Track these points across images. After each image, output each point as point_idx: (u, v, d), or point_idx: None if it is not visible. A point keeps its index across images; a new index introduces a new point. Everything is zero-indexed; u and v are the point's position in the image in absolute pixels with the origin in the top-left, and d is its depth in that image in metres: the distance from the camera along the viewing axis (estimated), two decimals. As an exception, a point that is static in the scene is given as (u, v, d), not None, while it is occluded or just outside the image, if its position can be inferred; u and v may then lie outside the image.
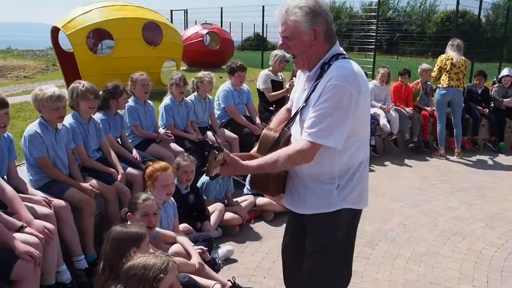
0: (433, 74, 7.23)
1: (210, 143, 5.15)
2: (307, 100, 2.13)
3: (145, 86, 4.72)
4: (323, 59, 2.12)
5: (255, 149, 2.34)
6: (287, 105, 2.53)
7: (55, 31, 9.32)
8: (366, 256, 3.92)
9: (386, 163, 6.90)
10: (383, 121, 7.12)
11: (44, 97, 3.26)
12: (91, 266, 3.28)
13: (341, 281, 2.44)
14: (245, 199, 4.66)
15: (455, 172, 6.57)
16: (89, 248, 3.43)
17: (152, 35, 9.73)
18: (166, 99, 5.15)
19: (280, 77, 6.41)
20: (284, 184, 2.35)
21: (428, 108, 7.72)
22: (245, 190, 4.94)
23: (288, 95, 3.05)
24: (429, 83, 7.85)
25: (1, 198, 2.79)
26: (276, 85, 6.29)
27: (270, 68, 6.37)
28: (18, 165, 3.51)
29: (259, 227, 4.50)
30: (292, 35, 2.09)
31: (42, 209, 2.97)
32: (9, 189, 2.84)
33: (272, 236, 4.25)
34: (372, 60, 14.07)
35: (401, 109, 7.43)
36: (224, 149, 2.05)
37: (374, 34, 14.74)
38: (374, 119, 7.08)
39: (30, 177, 3.42)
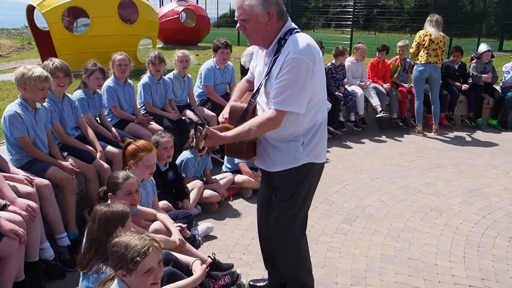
0: (411, 50, 7.28)
1: (192, 121, 5.21)
2: (269, 73, 2.41)
3: (122, 67, 4.71)
4: (279, 35, 2.38)
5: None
6: (247, 76, 2.82)
7: (30, 10, 9.11)
8: (344, 232, 4.03)
9: (363, 140, 7.03)
10: (360, 101, 7.23)
11: (33, 76, 3.27)
12: (73, 243, 3.36)
13: (300, 232, 2.80)
14: (223, 177, 4.76)
15: (433, 148, 6.70)
16: (71, 226, 3.49)
17: (127, 12, 9.60)
18: (144, 77, 5.16)
19: None
20: (255, 148, 2.66)
21: (406, 85, 7.84)
22: (223, 168, 5.04)
23: None
24: (407, 59, 7.95)
25: None
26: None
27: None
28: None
29: (238, 204, 4.60)
30: (249, 18, 2.33)
31: (24, 188, 3.02)
32: None
33: (251, 213, 4.35)
34: (350, 36, 14.12)
35: (379, 86, 7.54)
36: (205, 125, 2.33)
37: (352, 10, 14.74)
38: (352, 95, 7.20)
39: (11, 157, 3.45)
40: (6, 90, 6.50)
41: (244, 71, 6.37)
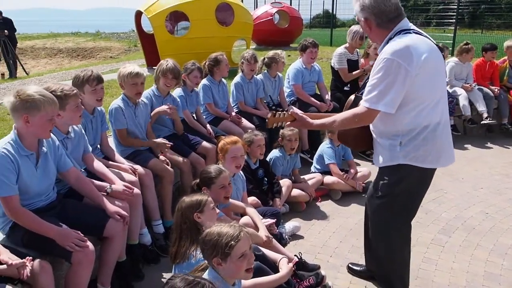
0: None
1: (269, 105, 5.40)
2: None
3: (228, 66, 4.96)
4: (388, 36, 2.48)
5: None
6: None
7: (138, 15, 9.88)
8: (441, 243, 3.76)
9: (466, 145, 6.51)
10: (463, 102, 6.71)
11: (125, 73, 3.57)
12: (168, 231, 3.56)
13: (399, 235, 2.76)
14: (312, 177, 4.71)
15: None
16: (167, 214, 3.71)
17: (224, 15, 9.96)
18: (237, 77, 5.32)
19: (356, 55, 6.23)
20: (366, 141, 2.75)
21: (517, 88, 7.08)
22: (312, 168, 4.99)
23: (367, 74, 3.27)
24: (517, 61, 7.21)
25: (90, 169, 3.12)
26: (352, 64, 6.14)
27: (346, 45, 6.18)
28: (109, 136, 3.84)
29: (326, 206, 4.52)
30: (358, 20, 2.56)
31: (128, 176, 3.27)
32: (97, 161, 3.17)
33: (339, 216, 4.27)
34: (452, 35, 13.15)
35: (485, 88, 6.91)
36: (292, 108, 2.60)
37: (456, 6, 13.71)
38: (453, 97, 6.70)
39: (117, 148, 3.75)
40: (115, 87, 7.14)
41: (333, 72, 6.27)
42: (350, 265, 3.34)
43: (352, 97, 2.84)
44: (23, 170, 2.42)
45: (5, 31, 12.00)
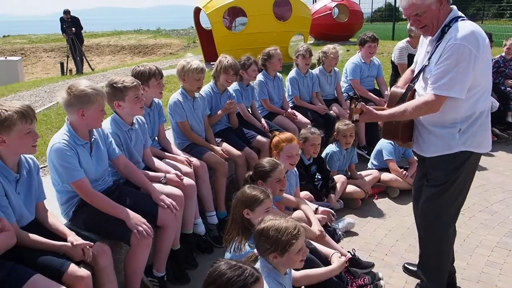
0: None
1: (349, 94, 5.37)
2: (429, 59, 2.49)
3: (281, 60, 4.92)
4: (444, 22, 2.44)
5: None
6: (411, 67, 2.89)
7: (197, 11, 10.11)
8: (508, 247, 3.54)
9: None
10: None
11: (191, 68, 3.65)
12: (221, 222, 3.62)
13: (446, 223, 2.71)
14: (369, 174, 4.59)
15: None
16: (221, 206, 3.78)
17: (282, 10, 9.92)
18: (292, 72, 5.29)
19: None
20: (411, 132, 2.70)
21: None
22: (369, 165, 4.87)
23: None
24: None
25: (146, 161, 3.24)
26: (412, 59, 5.87)
27: (408, 39, 5.96)
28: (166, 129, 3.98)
29: (383, 203, 4.39)
30: (423, 10, 2.43)
31: (184, 168, 3.37)
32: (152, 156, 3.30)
33: (397, 214, 4.13)
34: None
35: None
36: (361, 101, 2.53)
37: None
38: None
39: (174, 140, 3.87)
40: (173, 83, 7.36)
41: (393, 66, 6.05)
42: (406, 265, 3.24)
43: (397, 89, 2.73)
44: (81, 158, 2.58)
45: (73, 29, 12.69)
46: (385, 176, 4.58)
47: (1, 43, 22.78)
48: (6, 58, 14.39)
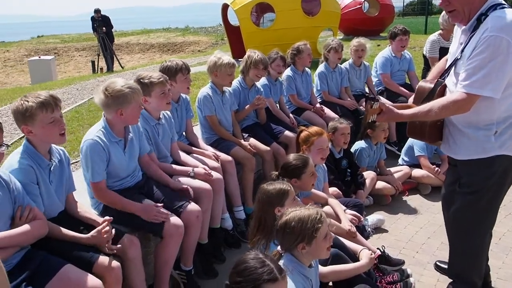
0: None
1: (365, 93, 5.20)
2: (462, 52, 2.22)
3: (310, 56, 4.87)
4: (480, 10, 2.16)
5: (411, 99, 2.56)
6: (445, 57, 2.61)
7: (224, 8, 10.14)
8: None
9: None
10: None
11: (223, 63, 3.68)
12: (249, 217, 3.60)
13: (483, 230, 2.51)
14: (399, 170, 4.50)
15: None
16: (248, 201, 3.77)
17: (310, 5, 9.83)
18: (320, 67, 5.23)
19: (451, 42, 5.78)
20: (440, 131, 2.47)
21: None
22: (400, 161, 4.76)
23: None
24: None
25: (174, 156, 3.27)
26: (444, 52, 5.68)
27: (440, 32, 5.78)
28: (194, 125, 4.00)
29: (414, 200, 4.29)
30: None
31: (211, 162, 3.39)
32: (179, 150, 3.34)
33: (428, 211, 4.02)
34: None
35: None
36: (380, 99, 2.32)
37: None
38: None
39: (202, 135, 3.89)
40: (202, 79, 7.41)
41: (425, 60, 5.87)
42: (438, 262, 3.13)
43: (425, 84, 2.48)
44: (113, 155, 2.61)
45: (103, 28, 12.94)
46: (417, 172, 4.47)
47: (35, 43, 23.58)
48: (40, 57, 14.90)
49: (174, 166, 3.14)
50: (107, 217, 2.33)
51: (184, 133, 3.67)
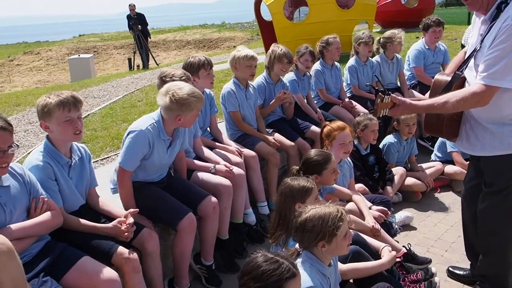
0: None
1: (374, 87, 4.97)
2: (481, 42, 2.13)
3: (339, 49, 4.77)
4: None
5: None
6: (464, 49, 2.49)
7: (257, 3, 10.12)
8: None
9: None
10: None
11: (241, 56, 3.68)
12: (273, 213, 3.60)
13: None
14: (431, 166, 4.36)
15: None
16: (272, 197, 3.75)
17: (345, -2, 9.63)
18: (351, 60, 5.13)
19: None
20: (458, 127, 2.37)
21: None
22: (432, 157, 4.60)
23: None
24: None
25: (197, 151, 3.31)
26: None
27: None
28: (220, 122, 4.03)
29: (446, 197, 4.14)
30: None
31: (235, 158, 3.40)
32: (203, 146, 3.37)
33: (460, 209, 3.85)
34: None
35: None
36: (391, 93, 2.22)
37: None
38: None
39: (227, 131, 3.91)
40: (231, 76, 7.43)
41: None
42: (450, 268, 2.99)
43: (441, 77, 2.40)
44: (155, 152, 2.66)
45: (139, 26, 13.20)
46: (449, 168, 4.31)
47: (76, 42, 24.51)
48: (79, 56, 15.46)
49: (196, 161, 3.17)
50: (131, 210, 2.39)
51: (208, 128, 3.70)
